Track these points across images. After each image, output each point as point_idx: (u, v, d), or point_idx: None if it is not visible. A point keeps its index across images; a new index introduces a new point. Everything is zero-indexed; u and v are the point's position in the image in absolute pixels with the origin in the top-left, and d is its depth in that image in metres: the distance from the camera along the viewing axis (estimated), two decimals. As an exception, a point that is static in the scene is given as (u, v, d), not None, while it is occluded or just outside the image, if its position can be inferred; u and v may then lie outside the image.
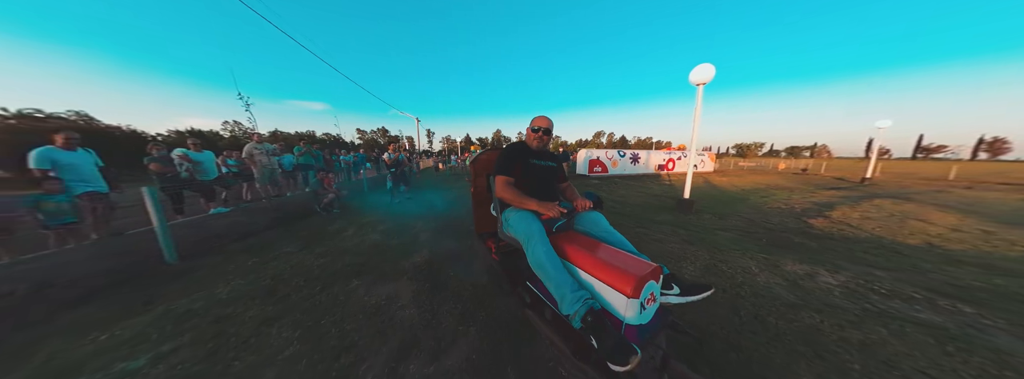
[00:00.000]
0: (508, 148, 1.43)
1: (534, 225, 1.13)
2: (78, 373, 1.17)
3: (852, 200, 6.07)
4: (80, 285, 1.86)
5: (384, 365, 1.20)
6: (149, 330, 1.44)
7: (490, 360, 1.22)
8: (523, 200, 1.22)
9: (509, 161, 1.34)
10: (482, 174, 1.91)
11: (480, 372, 1.16)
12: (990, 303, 1.78)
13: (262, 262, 2.36)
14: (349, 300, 1.73)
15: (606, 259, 0.98)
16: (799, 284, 2.01)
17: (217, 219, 3.54)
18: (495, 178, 1.33)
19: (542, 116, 1.42)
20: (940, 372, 1.20)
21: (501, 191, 1.29)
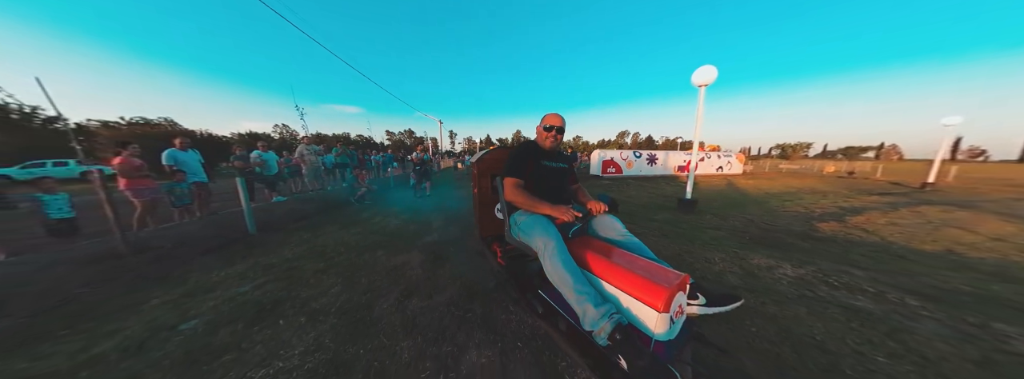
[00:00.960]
0: (518, 148, 1.35)
1: (550, 231, 1.04)
2: (213, 290, 1.87)
3: (890, 206, 5.63)
4: (200, 245, 2.68)
5: (395, 300, 1.74)
6: (248, 272, 2.15)
7: (465, 299, 1.71)
8: (535, 203, 1.15)
9: (519, 162, 1.26)
10: (487, 175, 1.87)
11: (457, 304, 1.66)
12: (960, 303, 1.79)
13: (313, 236, 3.09)
14: (375, 263, 2.33)
15: (629, 268, 0.91)
16: (754, 274, 2.22)
17: (279, 205, 4.49)
18: (503, 180, 1.26)
19: (554, 113, 1.33)
20: (826, 336, 1.45)
21: (511, 194, 1.21)
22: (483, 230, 1.96)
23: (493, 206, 1.94)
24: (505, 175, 1.27)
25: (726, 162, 13.87)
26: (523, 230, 1.17)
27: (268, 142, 5.51)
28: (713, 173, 13.34)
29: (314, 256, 2.49)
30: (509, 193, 1.23)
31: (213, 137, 16.61)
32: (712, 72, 4.30)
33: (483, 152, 1.99)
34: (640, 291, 0.83)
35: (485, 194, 1.91)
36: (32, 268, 2.09)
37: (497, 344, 1.30)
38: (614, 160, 11.25)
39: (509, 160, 1.29)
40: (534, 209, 1.17)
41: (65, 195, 2.78)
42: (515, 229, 1.25)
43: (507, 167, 1.28)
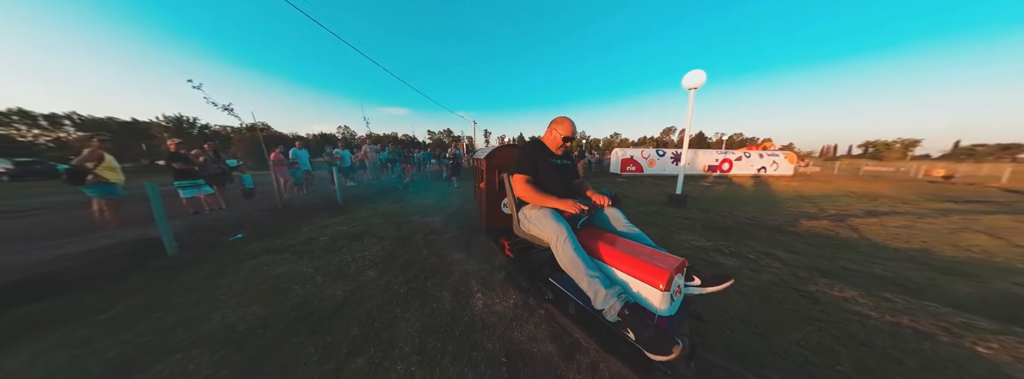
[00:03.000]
0: (526, 147, 1.40)
1: (561, 223, 1.12)
2: (328, 227, 3.38)
3: (938, 213, 5.03)
4: (311, 208, 4.38)
5: (421, 236, 2.99)
6: (343, 221, 3.66)
7: (459, 237, 2.88)
8: (544, 197, 1.21)
9: (528, 160, 1.32)
10: (494, 171, 2.03)
11: (454, 238, 2.83)
12: (831, 272, 2.16)
13: (375, 206, 4.63)
14: (411, 221, 3.67)
15: (634, 254, 1.00)
16: (668, 243, 2.92)
17: (352, 189, 6.32)
18: (512, 176, 1.31)
19: (568, 121, 1.38)
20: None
21: (521, 190, 1.27)
22: (488, 222, 2.11)
23: (499, 201, 2.07)
24: (515, 172, 1.31)
25: (771, 162, 12.66)
26: (534, 223, 1.23)
27: (343, 142, 7.51)
28: (752, 174, 12.33)
29: (377, 215, 3.95)
30: (519, 189, 1.28)
31: (299, 137, 21.46)
32: (701, 76, 4.74)
33: (492, 149, 2.26)
34: (644, 273, 0.92)
35: (492, 189, 2.04)
36: (242, 213, 3.91)
37: (468, 251, 2.45)
38: (634, 159, 11.40)
39: (518, 158, 1.34)
40: (544, 203, 1.21)
41: (249, 175, 4.78)
42: (525, 222, 1.30)
43: (516, 164, 1.32)
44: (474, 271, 2.08)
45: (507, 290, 1.77)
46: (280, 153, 5.16)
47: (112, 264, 2.21)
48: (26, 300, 1.71)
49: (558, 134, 1.40)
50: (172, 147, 3.82)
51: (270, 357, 1.24)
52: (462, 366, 1.17)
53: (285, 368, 1.17)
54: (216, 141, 4.86)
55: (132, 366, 1.19)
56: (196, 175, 3.92)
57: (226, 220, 3.53)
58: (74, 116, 24.57)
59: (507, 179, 1.41)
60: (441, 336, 1.36)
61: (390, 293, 1.79)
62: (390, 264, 2.27)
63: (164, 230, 2.43)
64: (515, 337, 1.34)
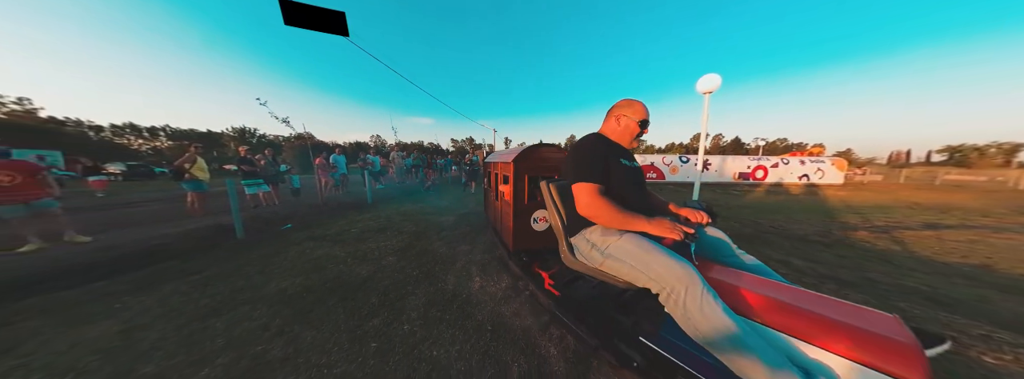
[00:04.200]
0: (591, 143, 1.00)
1: (683, 262, 0.76)
2: (359, 221, 3.87)
3: (1016, 230, 4.38)
4: (346, 206, 4.99)
5: (435, 231, 3.34)
6: (371, 217, 4.17)
7: (467, 234, 3.17)
8: (629, 218, 0.87)
9: (598, 161, 0.95)
10: (523, 176, 1.68)
11: (464, 235, 3.13)
12: (920, 300, 1.91)
13: (399, 206, 5.14)
14: (428, 219, 4.07)
15: (816, 310, 0.62)
16: None
17: (380, 190, 7.00)
18: (575, 186, 0.93)
19: (637, 101, 1.02)
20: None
21: (591, 205, 0.90)
22: (517, 242, 1.68)
23: (529, 215, 1.69)
24: (581, 179, 0.92)
25: (815, 170, 11.53)
26: (617, 257, 0.88)
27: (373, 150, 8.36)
28: (791, 182, 11.30)
29: (399, 214, 4.42)
30: (589, 204, 0.90)
31: (339, 145, 24.05)
32: (716, 80, 4.70)
33: (520, 150, 1.86)
34: (862, 350, 0.55)
35: (520, 201, 1.66)
36: (291, 208, 4.60)
37: (473, 244, 2.73)
38: (655, 165, 11.07)
39: (579, 160, 0.96)
40: (628, 225, 0.88)
41: (297, 176, 5.59)
42: (592, 253, 0.95)
43: (580, 168, 0.94)
44: (477, 260, 2.34)
45: (500, 275, 2.01)
46: (323, 158, 5.97)
47: (200, 242, 2.83)
48: (151, 263, 2.33)
49: (631, 121, 1.01)
50: (241, 152, 4.66)
51: (310, 314, 1.59)
52: (454, 330, 1.42)
53: (321, 321, 1.51)
54: (271, 148, 5.77)
55: (217, 310, 1.62)
56: (258, 175, 4.71)
57: (279, 213, 4.20)
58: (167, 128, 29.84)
59: (550, 190, 1.07)
60: (441, 308, 1.63)
61: (404, 274, 2.11)
62: (407, 252, 2.61)
63: (236, 218, 3.04)
64: (502, 312, 1.56)
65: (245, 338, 1.37)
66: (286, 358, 1.23)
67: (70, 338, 1.38)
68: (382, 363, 1.20)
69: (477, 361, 1.20)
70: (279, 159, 5.97)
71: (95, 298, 1.78)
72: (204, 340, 1.36)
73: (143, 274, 2.14)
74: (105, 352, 1.28)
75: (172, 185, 9.00)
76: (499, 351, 1.26)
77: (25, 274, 2.05)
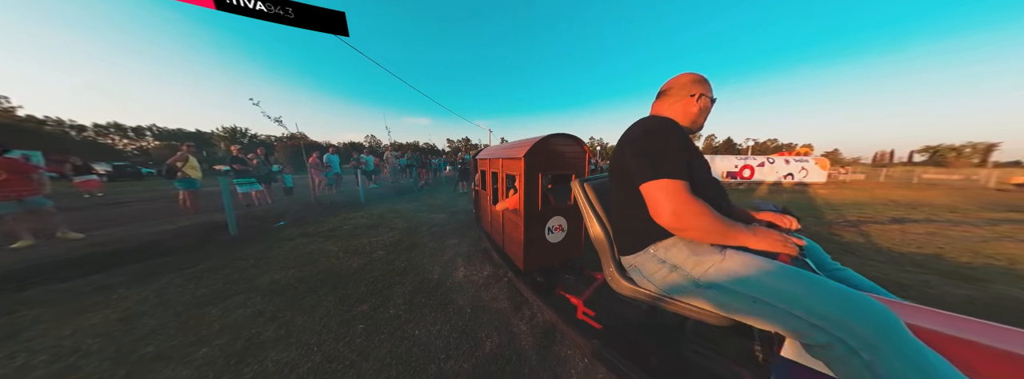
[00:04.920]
0: (667, 128, 0.73)
1: (856, 295, 0.51)
2: (351, 219, 3.96)
3: (987, 223, 4.60)
4: (338, 205, 5.06)
5: (427, 227, 3.45)
6: (364, 215, 4.25)
7: (462, 230, 3.29)
8: (731, 228, 0.63)
9: (681, 152, 0.69)
10: (536, 175, 1.33)
11: (455, 233, 3.24)
12: None
13: (392, 204, 5.23)
14: (421, 216, 4.17)
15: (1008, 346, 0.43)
16: None
17: (373, 190, 7.06)
18: (657, 185, 0.65)
19: (702, 76, 0.79)
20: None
21: (689, 212, 0.63)
22: (530, 261, 1.35)
23: (543, 225, 1.37)
24: (662, 175, 0.66)
25: (799, 168, 11.90)
26: (724, 282, 0.63)
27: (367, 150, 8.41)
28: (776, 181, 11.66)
29: (392, 212, 4.51)
30: (679, 209, 0.64)
31: (331, 145, 23.59)
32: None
33: (532, 143, 1.40)
34: None
35: (532, 207, 1.31)
36: (284, 206, 4.66)
37: (461, 238, 2.85)
38: None
39: (656, 148, 0.69)
40: (727, 239, 0.64)
41: (289, 176, 5.63)
42: (675, 277, 0.70)
43: (658, 161, 0.67)
44: (463, 252, 2.46)
45: (483, 265, 2.14)
46: (317, 158, 6.01)
47: (194, 238, 2.89)
48: (146, 258, 2.39)
49: (709, 100, 0.80)
50: (234, 151, 4.70)
51: (302, 301, 1.69)
52: (436, 313, 1.54)
53: (313, 308, 1.62)
54: (263, 148, 5.80)
55: (212, 299, 1.71)
56: (250, 174, 4.75)
57: (272, 211, 4.25)
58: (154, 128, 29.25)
59: (586, 191, 0.87)
60: (426, 295, 1.74)
61: (393, 266, 2.22)
62: (397, 247, 2.72)
63: (230, 215, 3.10)
64: (482, 296, 1.69)
65: (240, 323, 1.47)
66: (279, 339, 1.34)
67: (72, 324, 1.46)
68: (367, 342, 1.31)
69: (455, 338, 1.32)
70: (272, 159, 6.00)
71: (93, 290, 1.85)
72: (201, 325, 1.45)
73: (139, 268, 2.21)
74: (106, 335, 1.37)
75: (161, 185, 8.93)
76: (475, 329, 1.38)
77: (21, 268, 2.10)
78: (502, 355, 1.20)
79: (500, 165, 1.75)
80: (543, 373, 1.10)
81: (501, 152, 1.79)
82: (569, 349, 1.21)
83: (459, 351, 1.23)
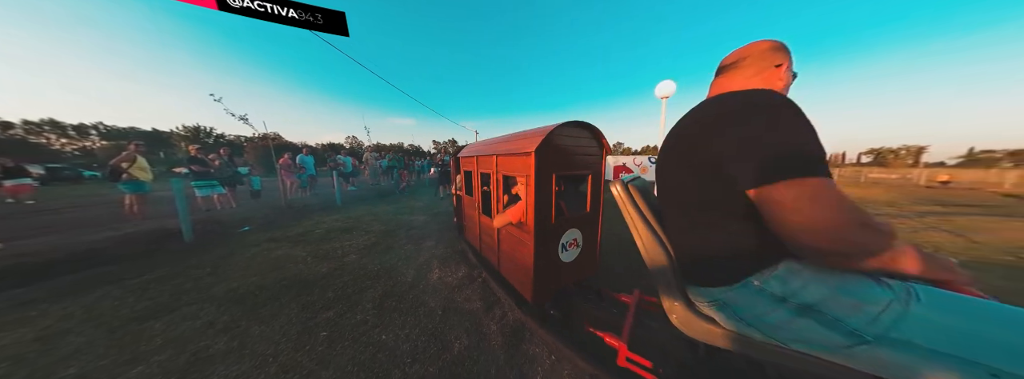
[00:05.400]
0: (792, 104, 0.47)
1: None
2: (324, 222, 3.77)
3: (916, 215, 5.19)
4: (312, 208, 4.81)
5: (404, 230, 3.36)
6: (338, 218, 4.07)
7: (440, 232, 3.23)
8: (896, 249, 0.44)
9: (817, 139, 0.46)
10: (548, 175, 1.05)
11: (432, 235, 3.18)
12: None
13: (370, 207, 5.04)
14: (400, 219, 4.05)
15: None
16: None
17: (351, 193, 6.78)
18: (804, 184, 0.42)
19: (780, 42, 0.61)
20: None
21: (852, 225, 0.41)
22: (542, 289, 1.11)
23: (555, 241, 1.11)
24: (809, 173, 0.43)
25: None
26: (940, 352, 0.41)
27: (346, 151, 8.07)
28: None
29: (371, 214, 4.35)
30: (838, 221, 0.41)
31: (309, 146, 22.40)
32: (671, 86, 5.16)
33: (544, 134, 1.04)
34: None
35: (544, 218, 1.06)
36: (251, 211, 4.36)
37: (438, 239, 2.79)
38: (626, 165, 11.71)
39: (792, 133, 0.46)
40: (893, 262, 0.44)
41: (258, 178, 5.28)
42: (832, 332, 0.48)
43: (799, 152, 0.45)
44: (439, 254, 2.42)
45: (458, 266, 2.11)
46: (289, 158, 5.69)
47: (141, 246, 2.63)
48: (81, 268, 2.15)
49: (791, 71, 0.64)
50: (192, 151, 4.34)
51: (261, 310, 1.58)
52: (405, 316, 1.49)
53: (272, 316, 1.52)
54: (230, 148, 5.41)
55: (156, 312, 1.56)
56: (211, 177, 4.41)
57: (236, 216, 3.96)
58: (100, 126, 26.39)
59: (634, 196, 0.68)
60: (397, 298, 1.69)
61: (365, 270, 2.13)
62: (371, 250, 2.62)
63: (184, 219, 2.85)
64: (454, 298, 1.66)
65: (187, 336, 1.35)
66: (230, 351, 1.24)
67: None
68: (329, 349, 1.25)
69: (423, 341, 1.29)
70: (240, 160, 5.61)
71: (9, 306, 1.63)
72: (139, 341, 1.32)
73: (70, 280, 1.97)
74: (16, 359, 1.21)
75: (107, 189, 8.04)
76: (445, 331, 1.35)
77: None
78: (470, 356, 1.18)
79: (494, 164, 1.36)
80: (510, 372, 1.10)
81: (496, 147, 1.41)
82: (537, 347, 1.22)
83: (426, 354, 1.20)
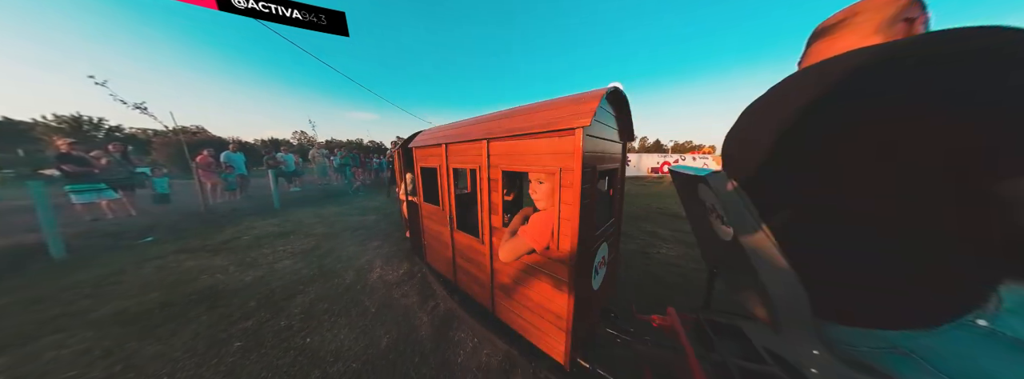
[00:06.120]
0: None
1: None
2: (255, 227, 3.37)
3: None
4: (241, 212, 4.24)
5: (351, 232, 3.17)
6: (274, 222, 3.66)
7: (390, 231, 3.12)
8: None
9: None
10: (590, 178, 0.75)
11: (381, 235, 3.06)
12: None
13: (317, 209, 4.62)
14: (348, 220, 3.80)
15: None
16: None
17: (295, 194, 6.10)
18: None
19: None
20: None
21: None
22: (572, 347, 0.84)
23: (588, 266, 0.84)
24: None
25: (702, 164, 14.76)
26: None
27: (288, 147, 7.21)
28: (687, 175, 14.29)
29: (315, 217, 4.00)
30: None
31: (246, 144, 19.42)
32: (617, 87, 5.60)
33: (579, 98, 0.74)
34: None
35: (588, 241, 0.79)
36: (156, 218, 3.68)
37: (385, 239, 2.71)
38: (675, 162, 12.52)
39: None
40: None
41: (164, 179, 4.45)
42: None
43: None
44: (384, 253, 2.36)
45: (400, 263, 2.10)
46: (210, 156, 4.88)
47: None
48: None
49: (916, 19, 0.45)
50: (63, 148, 3.49)
51: (158, 329, 1.39)
52: (336, 317, 1.46)
53: (173, 334, 1.35)
54: (125, 144, 4.45)
55: (2, 349, 1.27)
56: (95, 179, 3.60)
57: (134, 225, 3.32)
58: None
59: (741, 197, 0.47)
60: (331, 301, 1.63)
61: (299, 275, 1.99)
62: (309, 254, 2.44)
63: (50, 232, 2.31)
64: (392, 295, 1.66)
65: (49, 369, 1.14)
66: (109, 377, 1.09)
67: None
68: (242, 359, 1.17)
69: (352, 339, 1.28)
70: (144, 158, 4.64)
71: None
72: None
73: None
74: None
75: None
76: (374, 328, 1.36)
77: None
78: (396, 348, 1.21)
79: (482, 154, 0.94)
80: (434, 359, 1.16)
81: (486, 127, 0.95)
82: (462, 333, 1.29)
83: (352, 352, 1.20)
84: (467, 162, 1.07)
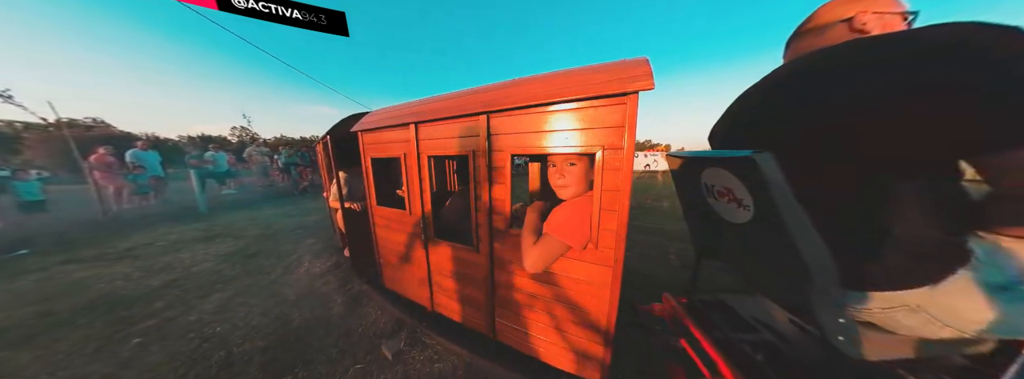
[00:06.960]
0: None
1: None
2: (172, 233, 3.06)
3: None
4: (154, 218, 3.77)
5: (289, 232, 3.06)
6: (199, 228, 3.34)
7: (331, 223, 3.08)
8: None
9: None
10: (630, 156, 0.61)
11: (318, 232, 3.01)
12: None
13: (253, 212, 4.27)
14: (286, 221, 3.62)
15: None
16: None
17: (227, 196, 5.52)
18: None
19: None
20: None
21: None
22: (609, 367, 0.78)
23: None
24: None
25: (653, 160, 16.39)
26: None
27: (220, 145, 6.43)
28: (641, 170, 15.74)
29: (249, 219, 3.72)
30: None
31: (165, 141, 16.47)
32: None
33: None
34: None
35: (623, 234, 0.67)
36: (32, 228, 3.12)
37: (319, 238, 2.69)
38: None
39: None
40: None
41: (36, 182, 3.76)
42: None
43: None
44: (315, 250, 2.38)
45: (330, 256, 2.15)
46: (109, 155, 4.19)
47: None
48: None
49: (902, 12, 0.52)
50: None
51: (35, 339, 1.30)
52: (251, 308, 1.49)
53: (55, 341, 1.28)
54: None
55: None
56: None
57: (3, 237, 2.80)
58: None
59: (775, 171, 0.43)
60: (250, 295, 1.64)
61: (219, 276, 1.93)
62: (233, 256, 2.34)
63: None
64: (315, 285, 1.73)
65: None
66: (-28, 385, 1.03)
67: None
68: (140, 352, 1.18)
69: (266, 324, 1.35)
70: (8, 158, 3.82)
71: None
72: None
73: None
74: None
75: None
76: (289, 312, 1.44)
77: None
78: (304, 325, 1.32)
79: (481, 136, 0.80)
80: (336, 331, 1.28)
81: (490, 97, 0.79)
82: (370, 307, 1.43)
83: (261, 334, 1.27)
84: (450, 147, 0.85)
